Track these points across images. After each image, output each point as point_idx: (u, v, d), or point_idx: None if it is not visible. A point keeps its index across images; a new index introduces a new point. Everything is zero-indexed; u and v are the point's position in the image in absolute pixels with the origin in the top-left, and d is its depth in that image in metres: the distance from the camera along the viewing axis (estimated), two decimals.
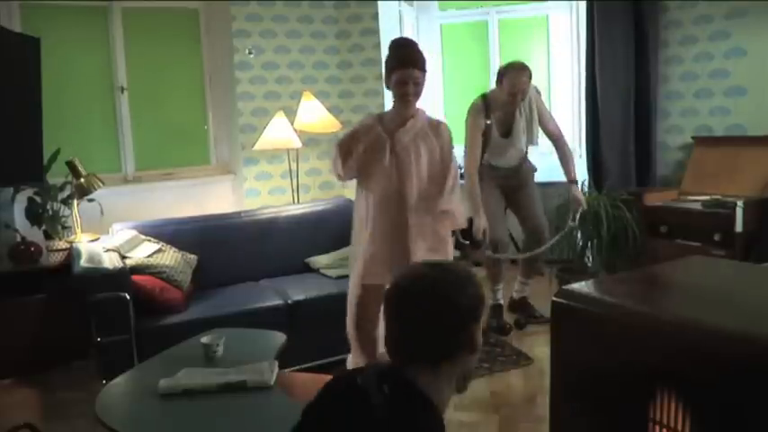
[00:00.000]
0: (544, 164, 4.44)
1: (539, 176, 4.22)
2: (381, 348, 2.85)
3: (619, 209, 4.34)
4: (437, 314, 1.23)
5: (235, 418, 2.01)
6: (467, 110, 3.89)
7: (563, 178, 5.10)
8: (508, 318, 4.06)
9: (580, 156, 5.12)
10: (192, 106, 4.94)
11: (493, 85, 3.97)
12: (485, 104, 3.84)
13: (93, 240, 3.85)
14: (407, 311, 1.25)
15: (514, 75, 3.72)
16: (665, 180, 4.76)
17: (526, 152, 4.02)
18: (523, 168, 4.04)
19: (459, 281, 1.26)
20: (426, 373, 1.24)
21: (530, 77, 3.77)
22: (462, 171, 3.73)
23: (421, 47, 2.82)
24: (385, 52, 4.99)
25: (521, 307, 4.16)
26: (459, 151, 5.22)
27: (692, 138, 4.51)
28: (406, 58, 2.71)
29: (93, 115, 4.58)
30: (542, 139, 4.03)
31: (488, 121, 3.83)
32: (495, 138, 3.87)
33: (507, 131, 3.90)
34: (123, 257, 3.39)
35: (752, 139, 4.16)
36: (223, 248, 3.84)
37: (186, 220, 3.97)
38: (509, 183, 3.99)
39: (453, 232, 4.49)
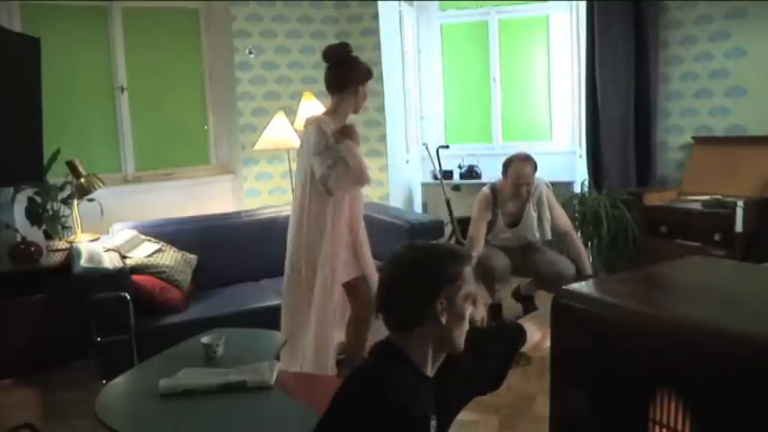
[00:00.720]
0: (545, 163, 4.44)
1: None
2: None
3: (619, 209, 4.34)
4: (402, 287, 1.47)
5: (235, 418, 2.01)
6: (477, 196, 3.99)
7: (563, 178, 5.13)
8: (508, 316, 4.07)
9: (580, 156, 5.13)
10: (192, 106, 4.93)
11: (492, 87, 3.98)
12: (493, 196, 3.91)
13: (93, 240, 3.85)
14: (385, 286, 1.50)
15: (518, 166, 3.80)
16: (664, 180, 4.76)
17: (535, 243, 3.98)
18: (531, 243, 4.01)
19: (426, 260, 1.48)
20: (405, 336, 1.47)
21: (534, 168, 3.83)
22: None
23: (421, 47, 2.94)
24: (385, 52, 5.00)
25: (524, 302, 4.15)
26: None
27: (692, 138, 4.51)
28: (371, 72, 2.96)
29: (94, 115, 4.57)
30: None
31: (496, 210, 3.92)
32: (500, 226, 3.94)
33: (514, 223, 3.94)
34: (123, 257, 3.39)
35: (752, 139, 4.16)
36: (223, 248, 3.85)
37: (186, 220, 3.97)
38: (513, 249, 3.98)
39: (453, 232, 4.51)
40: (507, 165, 3.87)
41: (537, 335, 1.84)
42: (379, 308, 1.51)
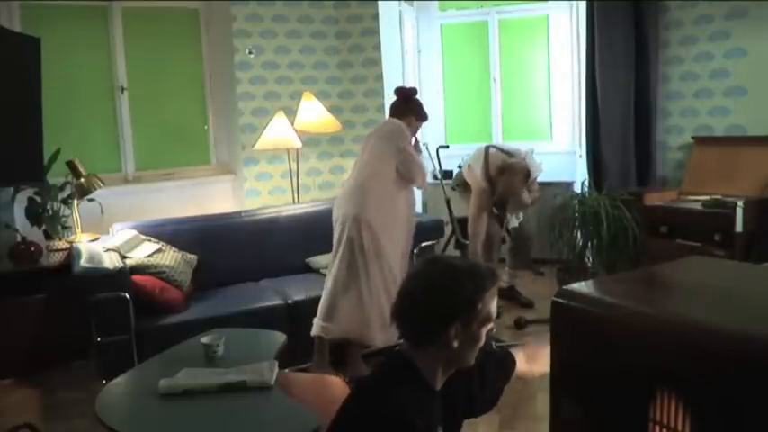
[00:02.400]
0: (545, 163, 4.44)
1: (539, 177, 4.31)
2: None
3: (619, 209, 4.34)
4: (417, 307, 1.43)
5: (235, 418, 2.01)
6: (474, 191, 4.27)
7: (562, 178, 5.15)
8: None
9: (580, 156, 5.13)
10: (192, 106, 4.93)
11: (492, 87, 4.05)
12: (489, 185, 4.15)
13: (93, 240, 3.85)
14: (401, 299, 1.46)
15: (509, 180, 4.07)
16: (665, 180, 4.76)
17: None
18: None
19: (443, 284, 1.41)
20: (415, 350, 1.44)
21: (526, 176, 4.09)
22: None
23: (421, 47, 3.06)
24: (385, 52, 5.01)
25: (509, 294, 4.40)
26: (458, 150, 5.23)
27: (692, 138, 4.51)
28: (427, 117, 3.58)
29: (94, 115, 4.57)
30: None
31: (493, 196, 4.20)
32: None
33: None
34: (123, 257, 3.39)
35: (752, 139, 4.16)
36: (223, 248, 3.84)
37: (186, 220, 3.97)
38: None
39: (453, 232, 4.52)
40: (501, 170, 4.09)
41: (522, 366, 1.89)
42: (392, 317, 1.47)
